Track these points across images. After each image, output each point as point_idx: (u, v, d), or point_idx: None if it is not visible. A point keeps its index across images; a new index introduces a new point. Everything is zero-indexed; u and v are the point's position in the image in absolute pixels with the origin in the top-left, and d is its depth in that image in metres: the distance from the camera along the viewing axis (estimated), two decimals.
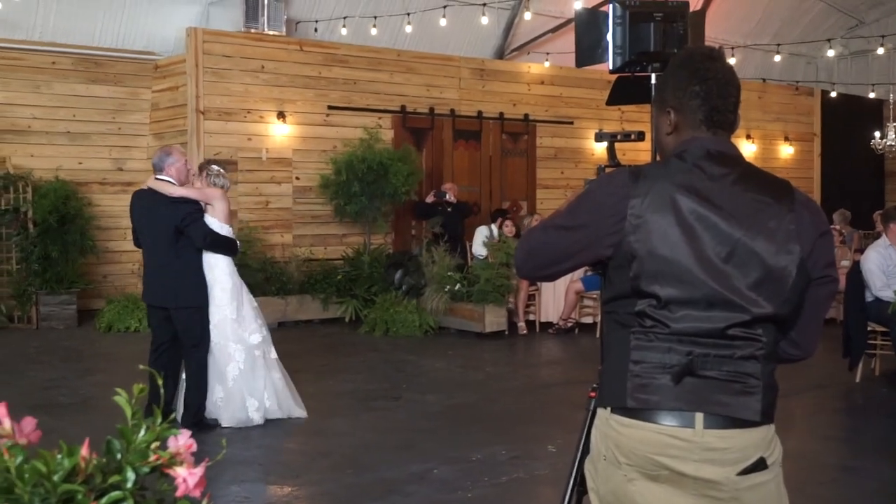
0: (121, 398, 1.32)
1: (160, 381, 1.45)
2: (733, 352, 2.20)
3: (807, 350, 2.40)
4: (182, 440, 1.29)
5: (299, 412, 6.97)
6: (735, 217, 2.20)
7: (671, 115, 2.36)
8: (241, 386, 6.70)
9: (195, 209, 6.60)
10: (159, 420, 1.29)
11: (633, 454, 2.24)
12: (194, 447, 1.31)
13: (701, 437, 2.19)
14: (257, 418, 6.69)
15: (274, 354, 6.92)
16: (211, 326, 6.62)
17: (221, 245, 6.66)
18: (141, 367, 1.56)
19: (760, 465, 2.23)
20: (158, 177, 6.66)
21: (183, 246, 6.56)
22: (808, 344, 2.39)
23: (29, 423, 1.24)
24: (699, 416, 2.19)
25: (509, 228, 12.07)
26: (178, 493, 1.25)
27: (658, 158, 2.47)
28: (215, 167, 6.95)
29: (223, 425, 6.63)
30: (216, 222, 6.65)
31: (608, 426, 2.30)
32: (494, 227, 12.35)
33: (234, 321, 6.68)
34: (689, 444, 2.19)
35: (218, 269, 6.67)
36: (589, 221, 2.30)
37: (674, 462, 2.20)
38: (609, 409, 2.31)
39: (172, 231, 6.51)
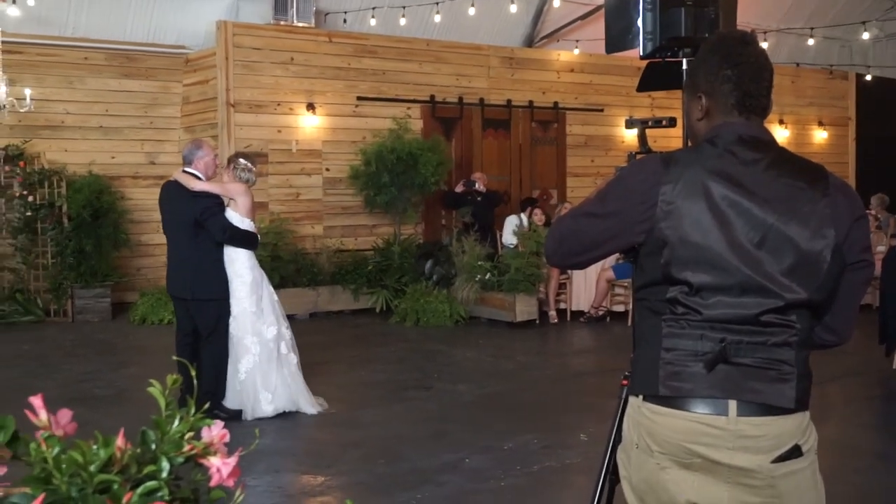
0: (155, 389, 1.32)
1: (193, 372, 1.46)
2: (767, 339, 2.18)
3: (842, 336, 2.36)
4: (216, 430, 1.30)
5: (309, 409, 6.92)
6: (768, 202, 2.18)
7: (703, 101, 2.33)
8: (255, 378, 6.72)
9: (215, 203, 6.63)
10: (193, 410, 1.30)
11: (665, 442, 2.23)
12: (228, 437, 1.32)
13: (735, 424, 2.17)
14: (269, 411, 6.70)
15: (285, 349, 6.89)
16: (231, 319, 6.67)
17: (240, 239, 6.70)
18: (174, 357, 1.57)
19: (795, 452, 2.21)
20: (186, 169, 6.73)
21: (202, 239, 6.63)
22: (844, 330, 2.35)
23: (65, 414, 1.25)
24: (732, 404, 2.17)
25: (539, 217, 12.04)
26: (212, 483, 1.26)
27: (689, 144, 2.45)
28: (243, 161, 6.94)
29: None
30: (237, 216, 6.68)
31: (640, 414, 2.29)
32: (524, 216, 12.31)
33: (254, 314, 6.71)
34: (723, 431, 2.17)
35: (238, 263, 6.71)
36: (620, 208, 2.28)
37: (707, 450, 2.19)
38: (641, 397, 2.29)
39: (192, 224, 6.59)
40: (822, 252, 2.18)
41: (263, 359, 6.74)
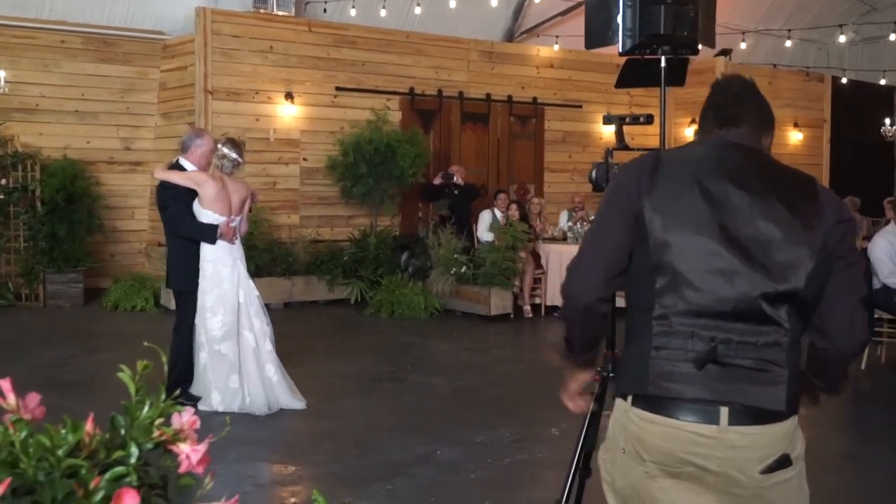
0: (125, 375, 1.32)
1: (164, 359, 1.45)
2: (757, 339, 2.17)
3: (837, 343, 2.30)
4: (186, 417, 1.30)
5: (297, 404, 6.79)
6: (758, 199, 2.21)
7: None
8: (204, 375, 6.55)
9: (175, 193, 6.49)
10: (163, 397, 1.29)
11: (656, 451, 2.21)
12: (198, 424, 1.31)
13: (725, 433, 2.16)
14: (219, 409, 6.46)
15: (269, 347, 6.74)
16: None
17: (191, 231, 6.53)
18: (146, 343, 1.57)
19: (785, 462, 2.21)
20: (179, 158, 6.70)
21: (170, 230, 6.63)
22: (838, 335, 2.29)
23: (33, 398, 1.25)
24: (724, 411, 2.16)
25: (513, 212, 12.06)
26: (181, 470, 1.25)
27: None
28: (222, 149, 6.67)
29: None
30: (198, 207, 6.50)
31: (628, 419, 2.27)
32: (497, 211, 12.32)
33: (208, 309, 6.53)
34: (714, 440, 2.16)
35: (201, 255, 6.57)
36: (617, 203, 2.32)
37: (698, 459, 2.18)
38: (630, 399, 2.27)
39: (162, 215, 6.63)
40: (809, 246, 2.20)
41: (213, 356, 6.53)
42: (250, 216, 11.68)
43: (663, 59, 2.93)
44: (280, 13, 12.91)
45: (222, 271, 6.55)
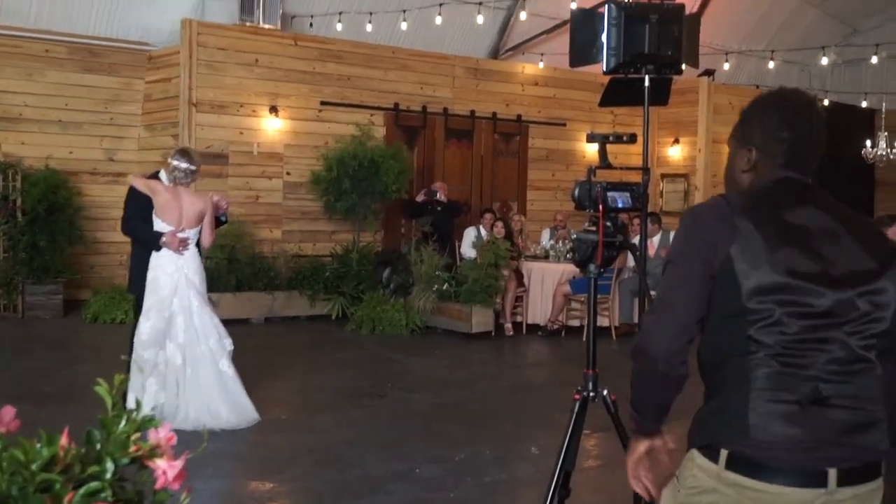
0: (101, 388, 1.31)
1: (142, 372, 1.44)
2: (853, 378, 2.10)
3: None
4: (163, 432, 1.28)
5: (241, 424, 6.54)
6: (836, 233, 2.17)
7: (752, 153, 2.32)
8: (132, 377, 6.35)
9: (136, 197, 6.63)
10: (140, 411, 1.28)
11: None
12: (175, 440, 1.30)
13: (833, 495, 2.08)
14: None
15: (224, 366, 6.59)
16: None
17: (135, 234, 6.76)
18: (123, 357, 1.55)
19: None
20: (162, 170, 6.80)
21: (122, 230, 6.89)
22: None
23: (8, 412, 1.23)
24: (832, 473, 2.07)
25: (498, 229, 12.07)
26: (158, 485, 1.24)
27: (726, 188, 2.43)
28: (172, 161, 6.57)
29: None
30: (153, 215, 6.56)
31: (720, 482, 2.13)
32: (482, 228, 12.33)
33: (143, 313, 6.51)
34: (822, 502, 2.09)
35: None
36: (698, 255, 2.18)
37: None
38: (723, 459, 2.12)
39: None
40: (893, 289, 2.16)
41: (137, 360, 6.35)
42: (231, 229, 11.75)
43: (647, 78, 2.95)
44: (266, 26, 12.91)
45: (161, 278, 6.51)
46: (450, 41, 15.57)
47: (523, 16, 15.34)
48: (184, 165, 6.52)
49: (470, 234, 12.34)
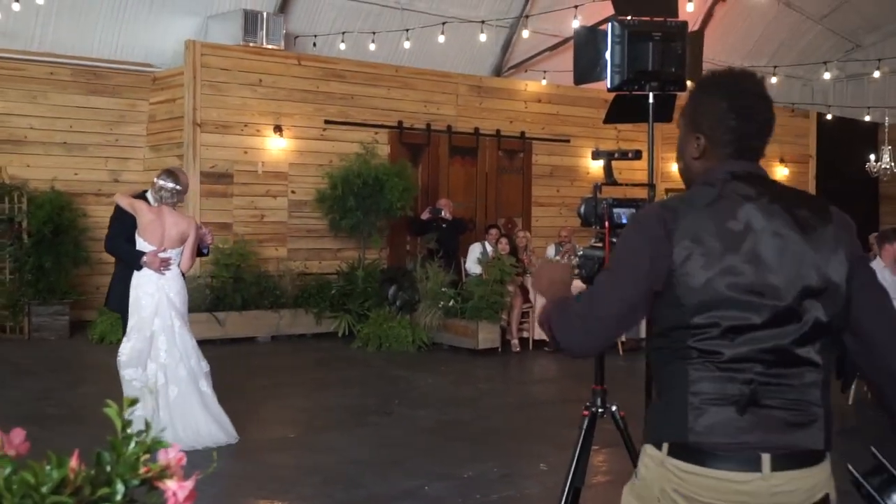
0: (111, 410, 1.30)
1: (152, 393, 1.44)
2: (793, 380, 2.14)
3: (889, 353, 2.22)
4: (172, 453, 1.28)
5: (209, 440, 6.47)
6: (780, 235, 2.17)
7: (701, 141, 2.30)
8: None
9: (121, 215, 6.69)
10: (150, 433, 1.28)
11: (696, 501, 2.16)
12: (184, 460, 1.30)
13: (769, 480, 2.12)
14: None
15: (204, 387, 6.63)
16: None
17: (117, 252, 6.80)
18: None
19: (825, 501, 2.19)
20: (150, 190, 6.79)
21: (106, 247, 6.91)
22: (887, 345, 2.21)
23: (18, 434, 1.23)
24: (766, 458, 2.12)
25: (503, 246, 12.07)
26: None
27: (681, 177, 2.43)
28: (158, 181, 6.59)
29: None
30: (136, 234, 6.59)
31: (665, 469, 2.20)
32: (488, 245, 12.34)
33: (126, 333, 6.57)
34: (757, 488, 2.13)
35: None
36: (641, 273, 2.20)
37: None
38: (666, 448, 2.20)
39: None
40: (839, 275, 2.17)
41: (144, 390, 6.40)
42: (237, 248, 11.76)
43: (651, 95, 2.95)
44: (269, 46, 12.97)
45: (142, 298, 6.50)
46: (453, 59, 15.63)
47: (525, 34, 15.41)
48: (170, 185, 6.51)
49: (475, 251, 12.35)
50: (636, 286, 2.20)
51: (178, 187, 6.54)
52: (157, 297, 6.49)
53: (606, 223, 3.34)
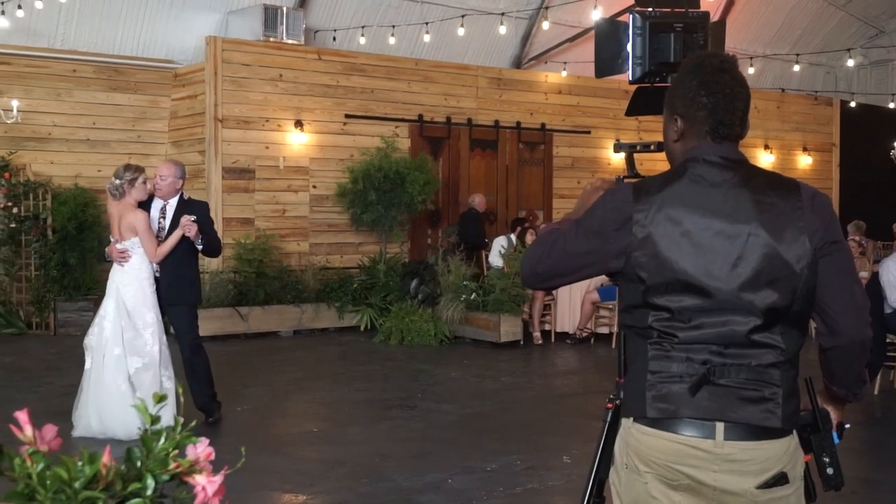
0: (139, 406, 1.32)
1: (180, 389, 1.46)
2: (751, 360, 2.20)
3: (844, 329, 2.26)
4: (201, 448, 1.30)
5: (121, 434, 6.30)
6: (739, 220, 2.21)
7: (678, 123, 2.35)
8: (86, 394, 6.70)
9: None
10: (179, 428, 1.30)
11: (652, 462, 2.25)
12: (213, 455, 1.31)
13: (721, 447, 2.19)
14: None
15: (88, 364, 6.73)
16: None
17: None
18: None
19: (782, 479, 2.22)
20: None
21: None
22: (843, 319, 2.25)
23: (50, 430, 1.25)
24: (720, 427, 2.19)
25: (531, 238, 12.06)
26: (197, 502, 1.25)
27: (667, 160, 2.47)
28: (115, 179, 6.76)
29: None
30: None
31: (630, 435, 2.31)
32: (513, 237, 12.34)
33: None
34: (710, 454, 2.20)
35: None
36: (594, 238, 2.31)
37: (693, 471, 2.21)
38: (632, 419, 2.31)
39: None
40: (798, 261, 2.20)
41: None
42: (259, 243, 11.83)
43: None
44: (290, 41, 12.99)
45: (109, 287, 6.77)
46: (472, 52, 15.61)
47: (545, 25, 15.35)
48: (114, 181, 6.73)
49: (499, 243, 12.35)
50: (593, 253, 2.31)
51: (115, 181, 6.71)
52: (111, 287, 6.76)
53: None
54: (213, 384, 6.98)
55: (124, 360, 6.59)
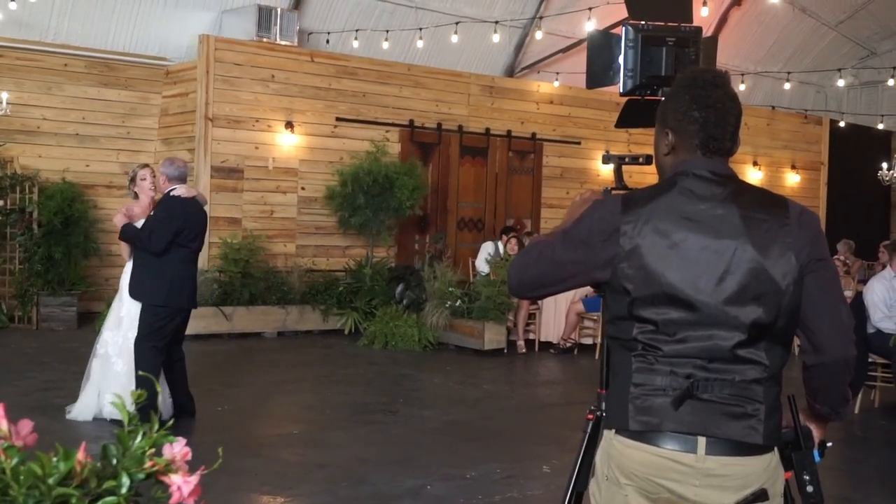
0: (117, 403, 1.31)
1: (158, 388, 1.45)
2: (734, 376, 2.20)
3: (828, 347, 2.27)
4: (178, 447, 1.29)
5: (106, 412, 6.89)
6: (726, 236, 2.21)
7: (669, 136, 2.36)
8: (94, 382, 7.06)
9: None
10: (156, 426, 1.29)
11: (633, 475, 2.25)
12: (190, 455, 1.31)
13: (702, 462, 2.19)
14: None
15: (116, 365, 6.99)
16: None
17: None
18: (140, 372, 1.56)
19: (762, 496, 2.22)
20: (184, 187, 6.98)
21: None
22: (827, 338, 2.26)
23: (26, 425, 1.24)
24: (702, 441, 2.19)
25: (512, 246, 12.07)
26: (173, 501, 1.25)
27: (657, 173, 2.47)
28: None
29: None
30: None
31: (612, 447, 2.31)
32: (500, 244, 12.35)
33: None
34: (691, 468, 2.20)
35: None
36: (582, 249, 2.32)
37: (674, 485, 2.21)
38: (614, 430, 2.32)
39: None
40: (784, 277, 2.21)
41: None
42: (245, 243, 11.81)
43: (663, 99, 2.95)
44: (283, 43, 12.99)
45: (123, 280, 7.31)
46: (465, 59, 15.63)
47: (539, 35, 15.40)
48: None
49: (486, 249, 12.35)
50: (580, 264, 2.32)
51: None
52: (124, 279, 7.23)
53: None
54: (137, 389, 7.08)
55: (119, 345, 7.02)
